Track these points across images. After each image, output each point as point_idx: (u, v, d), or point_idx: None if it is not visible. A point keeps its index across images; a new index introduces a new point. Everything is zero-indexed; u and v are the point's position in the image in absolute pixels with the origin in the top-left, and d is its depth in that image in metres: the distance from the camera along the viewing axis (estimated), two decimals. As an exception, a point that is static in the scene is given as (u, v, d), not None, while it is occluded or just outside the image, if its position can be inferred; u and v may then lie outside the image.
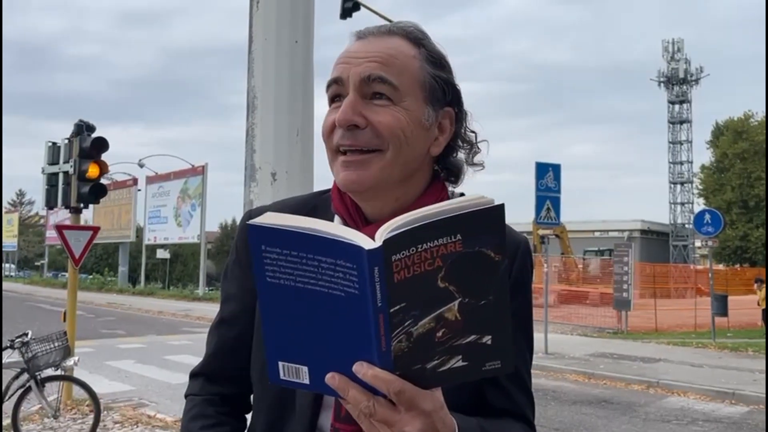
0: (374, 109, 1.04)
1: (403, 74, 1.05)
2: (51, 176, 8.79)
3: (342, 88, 1.05)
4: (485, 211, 0.82)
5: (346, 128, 1.03)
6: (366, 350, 0.80)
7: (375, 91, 1.04)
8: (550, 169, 13.51)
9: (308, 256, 0.79)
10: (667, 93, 58.33)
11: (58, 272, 52.63)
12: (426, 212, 0.81)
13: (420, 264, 0.79)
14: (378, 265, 0.76)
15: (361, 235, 0.79)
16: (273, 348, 0.85)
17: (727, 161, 47.30)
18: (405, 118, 1.04)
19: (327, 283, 0.79)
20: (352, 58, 1.06)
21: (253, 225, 0.81)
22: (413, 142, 1.06)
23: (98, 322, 20.18)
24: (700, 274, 27.97)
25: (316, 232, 0.79)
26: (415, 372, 0.81)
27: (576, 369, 11.52)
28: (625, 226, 51.61)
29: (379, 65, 1.04)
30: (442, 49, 1.13)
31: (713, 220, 16.08)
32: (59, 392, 7.00)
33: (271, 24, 2.82)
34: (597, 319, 19.20)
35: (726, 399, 9.48)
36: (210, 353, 1.23)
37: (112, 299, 30.72)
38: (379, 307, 0.77)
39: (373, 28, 1.11)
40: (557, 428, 7.66)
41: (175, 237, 36.56)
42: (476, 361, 0.84)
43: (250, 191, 2.78)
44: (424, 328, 0.80)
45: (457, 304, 0.82)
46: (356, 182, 1.04)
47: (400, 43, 1.08)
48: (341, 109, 1.03)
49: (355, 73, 1.04)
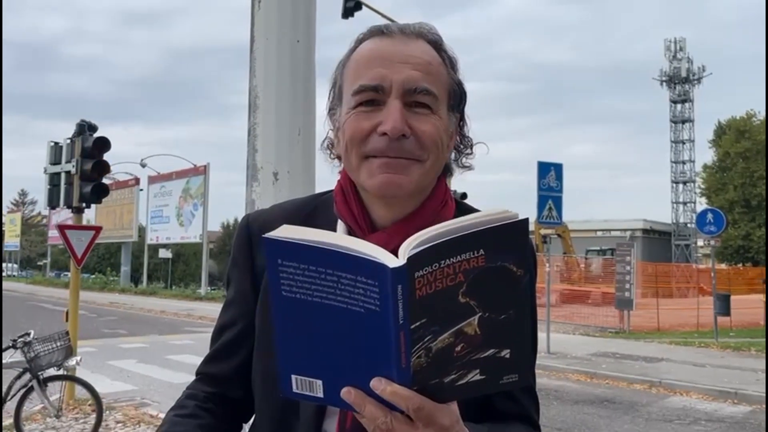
0: (418, 118, 1.01)
1: (438, 83, 1.04)
2: (53, 176, 8.80)
3: (379, 94, 1.01)
4: (509, 225, 0.81)
5: (394, 138, 0.99)
6: (384, 366, 0.79)
7: (418, 101, 1.02)
8: (552, 169, 13.49)
9: (327, 272, 0.77)
10: (669, 92, 58.31)
11: (60, 272, 52.68)
12: (449, 227, 0.80)
13: (442, 280, 0.78)
14: (402, 283, 0.75)
15: (381, 251, 0.77)
16: (286, 361, 0.84)
17: (729, 160, 47.24)
18: (441, 128, 1.04)
19: (346, 298, 0.77)
20: (388, 61, 1.02)
21: (270, 238, 0.79)
22: (445, 151, 1.06)
23: (100, 321, 20.20)
24: (703, 274, 27.91)
25: (337, 247, 0.77)
26: (432, 386, 0.80)
27: (578, 369, 11.50)
28: (627, 226, 51.56)
29: (423, 75, 1.02)
30: (455, 51, 1.11)
31: (716, 220, 16.05)
32: (61, 392, 7.01)
33: (273, 23, 2.82)
34: (599, 318, 19.18)
35: (728, 399, 9.46)
36: (209, 356, 1.21)
37: (114, 299, 30.75)
38: (400, 324, 0.76)
39: (396, 27, 1.08)
40: (559, 428, 7.65)
41: (177, 237, 36.58)
42: (494, 375, 0.83)
43: (252, 191, 2.78)
44: (444, 343, 0.79)
45: (477, 319, 0.81)
46: (399, 186, 1.01)
47: (427, 48, 1.06)
48: (392, 117, 0.99)
49: (398, 82, 1.01)
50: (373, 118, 1.01)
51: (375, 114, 1.01)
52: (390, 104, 1.00)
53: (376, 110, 1.01)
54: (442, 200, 1.09)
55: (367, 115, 1.02)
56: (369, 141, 1.01)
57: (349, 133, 1.03)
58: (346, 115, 1.04)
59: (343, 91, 1.08)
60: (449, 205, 1.11)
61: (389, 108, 1.00)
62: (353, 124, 1.02)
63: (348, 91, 1.05)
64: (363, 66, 1.03)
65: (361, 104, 1.02)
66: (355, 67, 1.05)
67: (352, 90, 1.03)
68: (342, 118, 1.06)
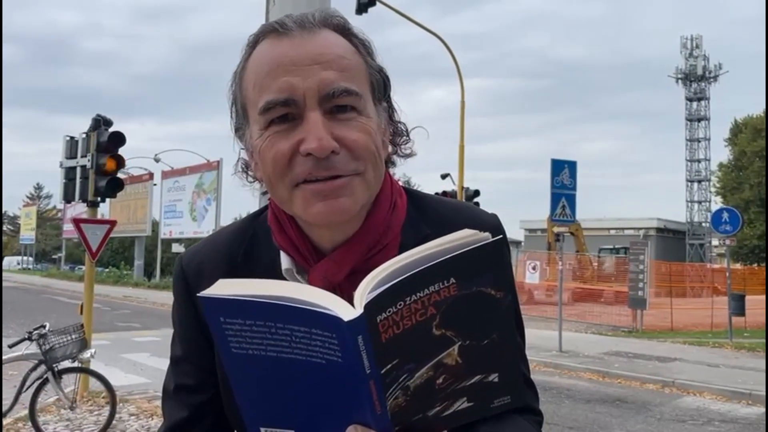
0: (344, 126, 0.87)
1: (357, 78, 0.90)
2: (69, 170, 8.88)
3: (292, 108, 0.86)
4: (480, 249, 0.74)
5: (322, 157, 0.85)
6: (359, 412, 0.72)
7: (339, 105, 0.87)
8: (565, 166, 13.42)
9: (277, 326, 0.70)
10: (685, 90, 57.78)
11: (74, 265, 53.15)
12: (410, 258, 0.72)
13: (410, 316, 0.72)
14: (361, 333, 0.68)
15: (334, 299, 0.69)
16: (251, 415, 0.78)
17: (745, 159, 46.75)
18: (372, 129, 0.90)
19: (304, 351, 0.70)
20: (293, 66, 0.87)
21: (206, 297, 0.72)
22: (382, 153, 0.93)
23: (114, 315, 20.36)
24: (717, 273, 27.66)
25: (282, 299, 0.69)
26: (416, 421, 0.76)
27: (590, 367, 11.44)
28: (640, 225, 51.18)
29: (338, 73, 0.87)
30: (365, 33, 0.96)
31: (731, 219, 15.89)
32: (76, 384, 7.07)
33: (288, 19, 2.82)
34: (612, 317, 19.07)
35: (742, 399, 9.38)
36: (172, 424, 1.03)
37: (127, 292, 30.99)
38: (368, 373, 0.69)
39: (292, 21, 0.91)
40: (571, 427, 7.61)
41: (190, 231, 36.74)
42: (483, 400, 0.79)
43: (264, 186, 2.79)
44: (423, 378, 0.74)
45: (457, 348, 0.75)
46: (343, 211, 0.87)
47: (335, 38, 0.91)
48: (314, 134, 0.84)
49: (312, 89, 0.86)
50: (291, 137, 0.86)
51: (292, 132, 0.87)
52: (308, 117, 0.86)
53: (293, 126, 0.87)
54: (390, 203, 0.97)
55: (282, 135, 0.87)
56: (293, 165, 0.87)
57: (269, 161, 0.88)
58: (258, 138, 0.89)
59: (247, 109, 0.92)
60: (399, 206, 0.98)
61: (308, 122, 0.85)
62: (271, 150, 0.87)
63: (253, 109, 0.90)
64: (264, 77, 0.88)
65: (273, 122, 0.87)
66: (255, 79, 0.89)
67: (258, 108, 0.88)
68: (255, 141, 0.91)
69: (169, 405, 1.04)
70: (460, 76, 18.56)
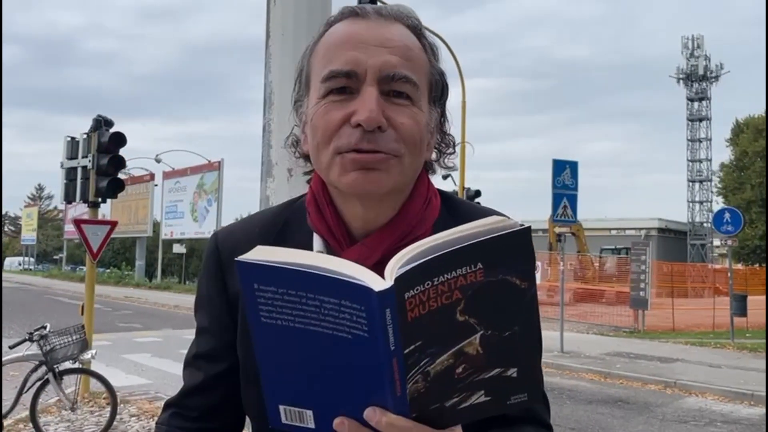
0: (396, 109, 0.91)
1: (418, 71, 0.94)
2: (70, 171, 8.88)
3: (352, 81, 0.91)
4: (509, 235, 0.74)
5: (369, 130, 0.89)
6: (379, 393, 0.73)
7: (396, 90, 0.92)
8: (567, 167, 13.41)
9: (308, 296, 0.71)
10: (686, 90, 57.79)
11: (76, 266, 53.22)
12: (442, 239, 0.74)
13: (436, 298, 0.72)
14: (390, 306, 0.69)
15: (365, 272, 0.71)
16: (272, 391, 0.79)
17: (747, 159, 46.68)
18: (421, 121, 0.94)
19: (331, 324, 0.72)
20: (363, 44, 0.92)
21: (243, 262, 0.73)
22: (424, 149, 0.97)
23: (115, 315, 20.37)
24: (719, 273, 27.66)
25: (316, 269, 0.71)
26: (432, 411, 0.76)
27: (592, 368, 11.42)
28: (642, 225, 51.14)
29: (402, 60, 0.92)
30: (435, 39, 1.01)
31: (733, 219, 15.87)
32: (77, 385, 7.07)
33: (288, 19, 2.81)
34: (613, 317, 19.05)
35: (745, 400, 9.35)
36: (187, 388, 1.09)
37: (128, 293, 31.00)
38: (392, 350, 0.70)
39: (371, 9, 0.96)
40: (573, 428, 7.60)
41: (191, 232, 36.77)
42: (500, 396, 0.78)
43: (267, 187, 2.78)
44: (442, 366, 0.74)
45: (479, 338, 0.75)
46: (376, 183, 0.91)
47: (407, 32, 0.96)
48: (367, 106, 0.89)
49: (374, 67, 0.91)
50: (345, 108, 0.91)
51: (348, 103, 0.91)
52: (365, 92, 0.90)
53: (349, 99, 0.91)
54: (425, 199, 1.00)
55: (338, 104, 0.92)
56: (341, 134, 0.91)
57: (319, 126, 0.93)
58: (314, 106, 0.94)
59: (311, 79, 0.98)
60: (433, 204, 1.01)
61: (364, 96, 0.90)
62: (323, 116, 0.92)
63: (317, 78, 0.95)
64: (334, 50, 0.93)
65: (332, 92, 0.92)
66: (325, 52, 0.95)
67: (321, 76, 0.93)
68: (310, 109, 0.96)
69: (188, 371, 1.10)
70: (461, 77, 18.56)
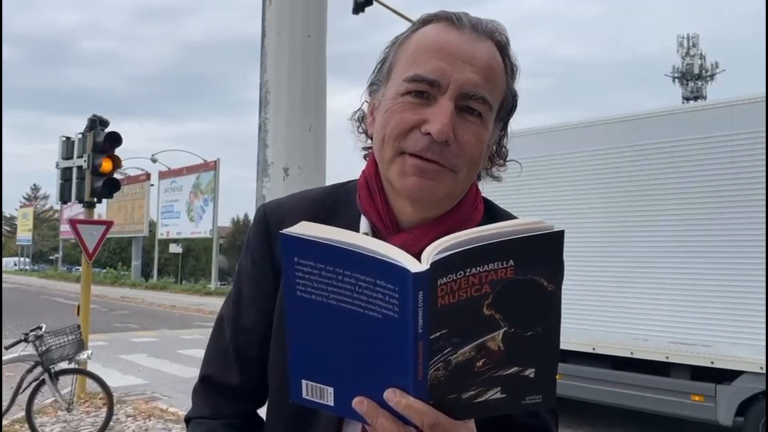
0: (465, 125, 0.94)
1: (495, 92, 0.97)
2: (65, 171, 8.86)
3: (433, 89, 0.94)
4: (543, 237, 0.77)
5: (437, 141, 0.92)
6: (400, 376, 0.75)
7: (470, 107, 0.95)
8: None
9: (345, 273, 0.74)
10: (682, 89, 57.88)
11: (72, 266, 53.10)
12: (479, 233, 0.76)
13: (467, 289, 0.74)
14: (423, 289, 0.71)
15: (404, 255, 0.73)
16: (297, 365, 0.81)
17: (742, 158, 46.82)
18: (484, 140, 0.97)
19: (364, 302, 0.74)
20: (452, 56, 0.94)
21: (287, 234, 0.76)
22: (481, 163, 1.00)
23: (111, 315, 20.34)
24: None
25: (356, 247, 0.74)
26: (449, 402, 0.77)
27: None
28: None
29: (483, 81, 0.95)
30: (517, 58, 1.04)
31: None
32: (73, 385, 7.05)
33: (284, 19, 2.82)
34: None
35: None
36: (228, 365, 1.09)
37: (125, 293, 30.96)
38: (419, 333, 0.72)
39: (468, 21, 0.99)
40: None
41: (188, 232, 36.74)
42: (516, 394, 0.80)
43: (263, 186, 2.78)
44: (464, 357, 0.76)
45: (502, 334, 0.77)
46: (429, 191, 0.95)
47: (494, 51, 0.99)
48: (441, 119, 0.92)
49: (456, 82, 0.93)
50: (419, 113, 0.94)
51: (423, 108, 0.94)
52: (441, 103, 0.93)
53: (425, 104, 0.94)
54: (474, 202, 1.04)
55: (414, 107, 0.95)
56: (409, 137, 0.94)
57: (391, 121, 0.96)
58: (392, 100, 0.97)
59: (393, 70, 1.00)
60: (479, 208, 1.06)
61: (440, 107, 0.93)
62: (398, 113, 0.95)
63: (400, 74, 0.97)
64: (423, 53, 0.96)
65: (411, 93, 0.95)
66: (414, 52, 0.97)
67: (405, 75, 0.96)
68: (386, 101, 0.98)
69: (220, 342, 1.11)
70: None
